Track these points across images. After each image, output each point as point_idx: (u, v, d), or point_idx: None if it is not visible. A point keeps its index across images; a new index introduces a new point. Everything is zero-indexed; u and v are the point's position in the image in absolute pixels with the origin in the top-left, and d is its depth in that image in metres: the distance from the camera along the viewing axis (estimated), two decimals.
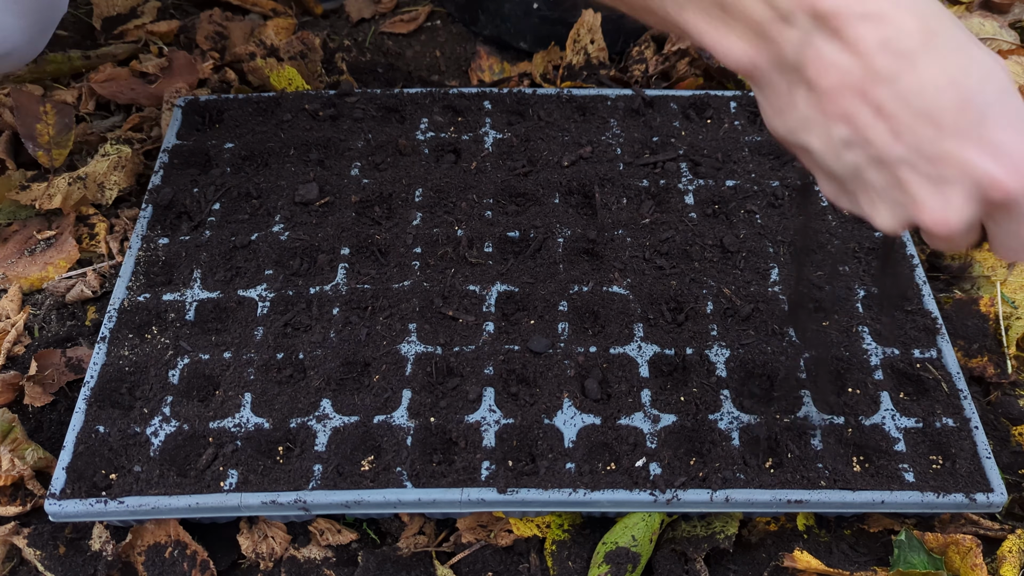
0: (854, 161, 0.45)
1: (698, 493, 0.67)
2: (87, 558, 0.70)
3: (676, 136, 0.94)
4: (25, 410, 0.79)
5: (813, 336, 0.76)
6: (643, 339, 0.77)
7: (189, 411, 0.72)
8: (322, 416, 0.71)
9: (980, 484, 0.69)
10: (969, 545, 0.68)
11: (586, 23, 1.09)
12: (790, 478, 0.68)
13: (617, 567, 0.67)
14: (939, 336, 0.78)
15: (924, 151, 0.43)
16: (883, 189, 0.46)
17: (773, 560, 0.71)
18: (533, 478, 0.68)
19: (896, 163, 0.44)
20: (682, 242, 0.84)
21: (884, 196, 0.46)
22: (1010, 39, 1.09)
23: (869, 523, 0.73)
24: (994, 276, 0.88)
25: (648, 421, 0.71)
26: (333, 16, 1.22)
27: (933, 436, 0.72)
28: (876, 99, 0.43)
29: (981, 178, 0.43)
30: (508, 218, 0.86)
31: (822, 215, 0.87)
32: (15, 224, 0.93)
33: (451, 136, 0.94)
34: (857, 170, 0.46)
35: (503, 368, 0.74)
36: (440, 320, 0.78)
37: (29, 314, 0.86)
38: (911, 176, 0.44)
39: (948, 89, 0.42)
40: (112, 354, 0.76)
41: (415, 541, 0.73)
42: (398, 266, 0.82)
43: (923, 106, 0.43)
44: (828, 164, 0.47)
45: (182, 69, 1.06)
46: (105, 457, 0.70)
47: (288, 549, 0.72)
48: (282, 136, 0.93)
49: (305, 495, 0.67)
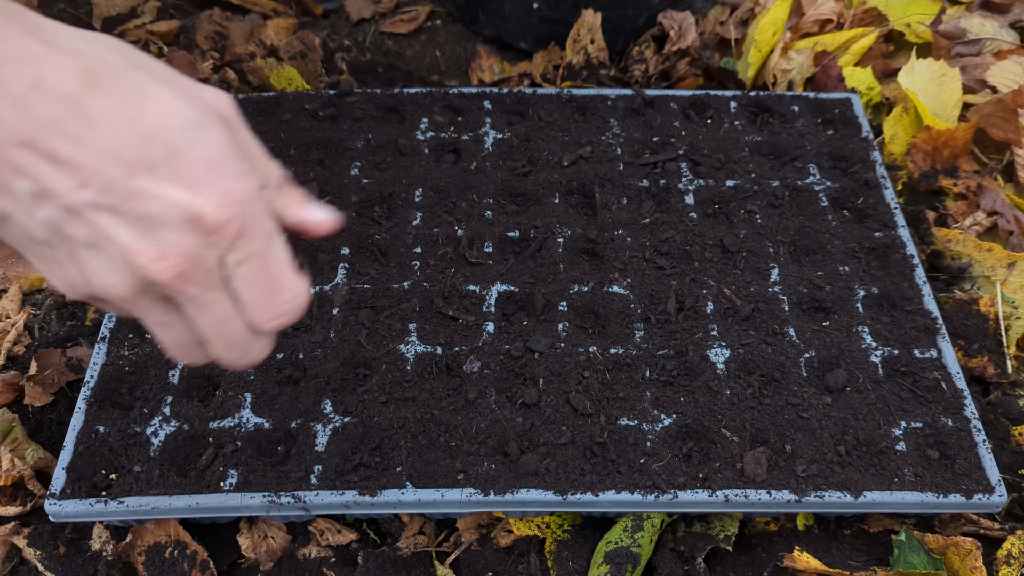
0: (50, 216, 0.41)
1: (698, 493, 0.67)
2: (87, 558, 0.70)
3: (676, 136, 0.94)
4: (25, 410, 0.80)
5: None
6: (643, 339, 0.77)
7: (189, 411, 0.72)
8: (322, 416, 0.71)
9: (980, 484, 0.69)
10: (969, 547, 0.68)
11: (586, 23, 1.09)
12: (789, 478, 0.68)
13: (617, 567, 0.67)
14: (939, 336, 0.78)
15: (118, 193, 0.40)
16: (93, 243, 0.42)
17: (773, 560, 0.71)
18: (533, 478, 0.68)
19: (92, 211, 0.41)
20: (682, 242, 0.84)
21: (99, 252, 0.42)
22: (1010, 39, 1.09)
23: (869, 523, 0.73)
24: (994, 276, 0.88)
25: (648, 421, 0.71)
26: (333, 16, 1.22)
27: (933, 436, 0.72)
28: (47, 147, 0.39)
29: (186, 212, 0.41)
30: (508, 218, 0.86)
31: (822, 215, 0.87)
32: None
33: (451, 136, 0.94)
34: (57, 226, 0.41)
35: (503, 368, 0.74)
36: (440, 320, 0.78)
37: (29, 314, 0.86)
38: (113, 222, 0.41)
39: (125, 127, 0.40)
40: (112, 354, 0.76)
41: (415, 541, 0.73)
42: (398, 266, 0.82)
43: (101, 147, 0.40)
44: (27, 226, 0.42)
45: (182, 69, 1.05)
46: (105, 457, 0.70)
47: (288, 549, 0.72)
48: (282, 136, 0.93)
49: (305, 495, 0.67)
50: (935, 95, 1.01)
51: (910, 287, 0.81)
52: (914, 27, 1.12)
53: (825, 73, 1.05)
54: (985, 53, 1.09)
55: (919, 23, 1.12)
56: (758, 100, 0.99)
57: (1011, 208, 0.93)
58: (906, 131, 1.01)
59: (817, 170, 0.92)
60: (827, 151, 0.94)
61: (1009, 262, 0.88)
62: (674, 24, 1.10)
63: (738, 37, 1.12)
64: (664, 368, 0.75)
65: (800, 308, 0.80)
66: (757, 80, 1.09)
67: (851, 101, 0.99)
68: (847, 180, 0.91)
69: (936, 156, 0.98)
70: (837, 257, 0.84)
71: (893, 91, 1.07)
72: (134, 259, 0.41)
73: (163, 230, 0.41)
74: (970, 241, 0.90)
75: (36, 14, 0.42)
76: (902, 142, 1.01)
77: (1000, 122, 0.99)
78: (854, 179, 0.91)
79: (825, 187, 0.90)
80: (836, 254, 0.84)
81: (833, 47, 1.08)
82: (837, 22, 1.13)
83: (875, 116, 1.07)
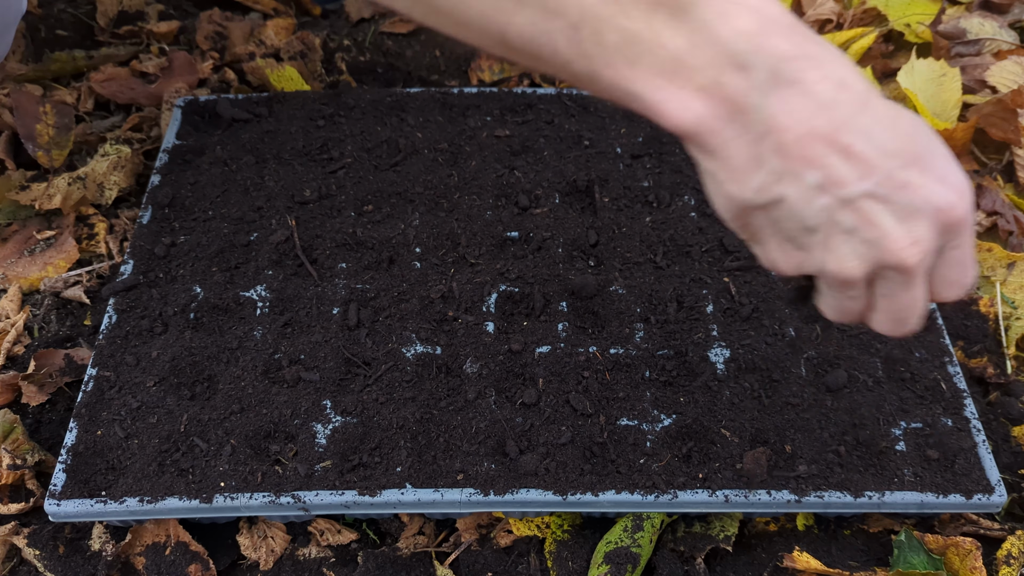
0: (826, 204, 0.45)
1: (698, 493, 0.67)
2: (87, 558, 0.70)
3: (676, 136, 0.94)
4: (25, 410, 0.80)
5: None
6: (643, 339, 0.77)
7: (189, 411, 0.72)
8: (322, 416, 0.71)
9: (980, 484, 0.69)
10: (969, 547, 0.68)
11: None
12: (789, 478, 0.68)
13: (617, 567, 0.67)
14: (939, 336, 0.78)
15: (892, 184, 0.44)
16: (852, 229, 0.46)
17: (773, 560, 0.71)
18: (533, 479, 0.68)
19: (865, 199, 0.45)
20: (682, 242, 0.84)
21: (852, 237, 0.46)
22: (1010, 39, 1.09)
23: (869, 523, 0.73)
24: (994, 276, 0.88)
25: (648, 421, 0.71)
26: (333, 16, 1.22)
27: (933, 436, 0.72)
28: (844, 141, 0.43)
29: (940, 203, 0.45)
30: (508, 218, 0.86)
31: None
32: (15, 224, 0.93)
33: (451, 135, 0.94)
34: (829, 213, 0.45)
35: (503, 368, 0.74)
36: (440, 320, 0.78)
37: (29, 314, 0.86)
38: (879, 209, 0.45)
39: (898, 125, 0.45)
40: (112, 354, 0.76)
41: (415, 541, 0.73)
42: (398, 266, 0.82)
43: (883, 142, 0.44)
44: (801, 213, 0.46)
45: (182, 69, 1.06)
46: (105, 457, 0.70)
47: (288, 549, 0.72)
48: (281, 136, 0.93)
49: (305, 495, 0.67)
50: (935, 95, 1.01)
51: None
52: (914, 27, 1.12)
53: None
54: (985, 53, 1.09)
55: (919, 23, 1.12)
56: None
57: (1011, 208, 0.93)
58: None
59: None
60: None
61: (1009, 262, 0.88)
62: None
63: None
64: (664, 368, 0.75)
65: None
66: None
67: None
68: None
69: None
70: None
71: (893, 91, 1.07)
72: (891, 244, 0.45)
73: (919, 219, 0.45)
74: None
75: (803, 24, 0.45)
76: None
77: (1000, 122, 0.99)
78: None
79: None
80: None
81: None
82: (837, 22, 1.13)
83: None
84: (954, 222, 0.46)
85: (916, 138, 0.45)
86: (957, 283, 0.50)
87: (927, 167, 0.45)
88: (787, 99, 0.43)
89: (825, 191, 0.44)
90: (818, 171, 0.44)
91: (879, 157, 0.44)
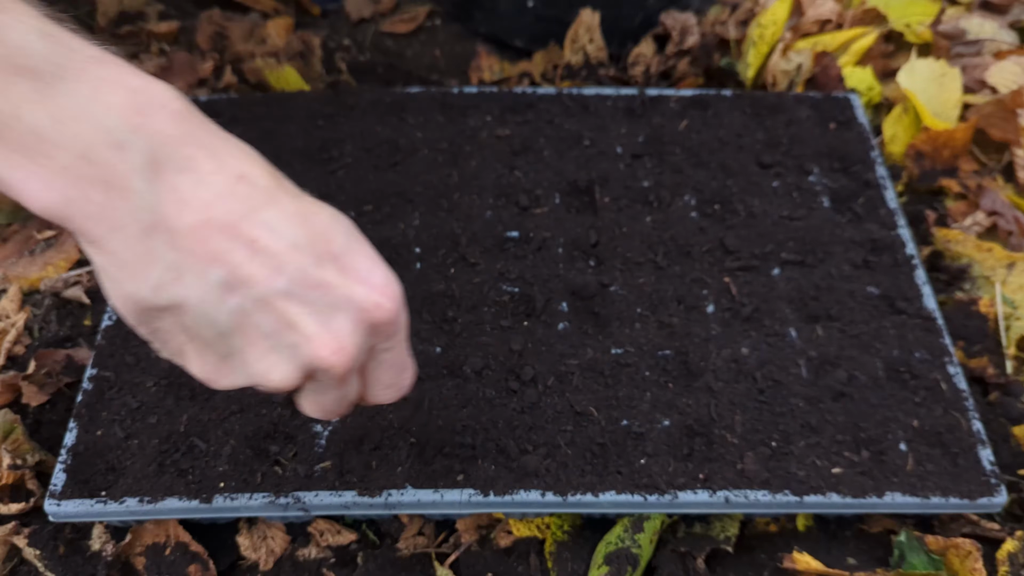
0: (238, 305, 0.41)
1: (698, 494, 0.67)
2: (87, 558, 0.70)
3: (677, 136, 0.94)
4: (25, 410, 0.79)
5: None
6: (643, 339, 0.77)
7: (189, 411, 0.72)
8: None
9: (980, 485, 0.69)
10: (969, 549, 0.68)
11: (584, 23, 1.09)
12: (789, 478, 0.68)
13: (617, 568, 0.67)
14: (939, 336, 0.78)
15: (307, 281, 0.42)
16: (273, 332, 0.42)
17: (773, 561, 0.71)
18: (533, 479, 0.68)
19: (282, 298, 0.42)
20: (682, 242, 0.84)
21: (275, 341, 0.43)
22: (1010, 39, 1.09)
23: (869, 524, 0.73)
24: (994, 276, 0.88)
25: (648, 421, 0.71)
26: (333, 16, 1.22)
27: (933, 436, 0.72)
28: (249, 234, 0.41)
29: (363, 303, 0.43)
30: (508, 218, 0.86)
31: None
32: (15, 224, 0.93)
33: (451, 135, 0.94)
34: (243, 315, 0.42)
35: (503, 368, 0.74)
36: (440, 320, 0.78)
37: (29, 314, 0.86)
38: (299, 310, 0.42)
39: (311, 221, 0.43)
40: (112, 354, 0.76)
41: (415, 542, 0.73)
42: (397, 266, 0.82)
43: (294, 237, 0.42)
44: (210, 315, 0.42)
45: (182, 69, 1.06)
46: (105, 457, 0.70)
47: (288, 549, 0.72)
48: (281, 136, 0.93)
49: (304, 496, 0.67)
50: (935, 95, 1.01)
51: (910, 287, 0.81)
52: (914, 27, 1.12)
53: (825, 73, 1.05)
54: (985, 53, 1.09)
55: (919, 23, 1.12)
56: (758, 100, 0.99)
57: (1011, 208, 0.93)
58: (906, 131, 1.01)
59: (818, 170, 0.92)
60: (827, 151, 0.94)
61: (1009, 262, 0.88)
62: (676, 24, 1.10)
63: (738, 37, 1.12)
64: (664, 368, 0.75)
65: (801, 308, 0.80)
66: (757, 80, 1.09)
67: (851, 101, 0.99)
68: (847, 180, 0.91)
69: (936, 156, 0.98)
70: (837, 257, 0.83)
71: (893, 91, 1.07)
72: (316, 349, 0.43)
73: (341, 320, 0.43)
74: (970, 241, 0.90)
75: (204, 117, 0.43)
76: (902, 142, 1.01)
77: (1000, 122, 0.99)
78: (854, 179, 0.91)
79: (825, 187, 0.90)
80: (836, 254, 0.84)
81: (833, 47, 1.08)
82: (837, 22, 1.13)
83: (875, 116, 1.07)
84: (381, 323, 0.44)
85: (333, 236, 0.43)
86: (393, 386, 0.49)
87: (346, 266, 0.43)
88: (176, 187, 0.40)
89: (234, 290, 0.41)
90: (222, 267, 0.40)
91: (290, 253, 0.41)
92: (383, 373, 0.48)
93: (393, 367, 0.48)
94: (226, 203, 0.40)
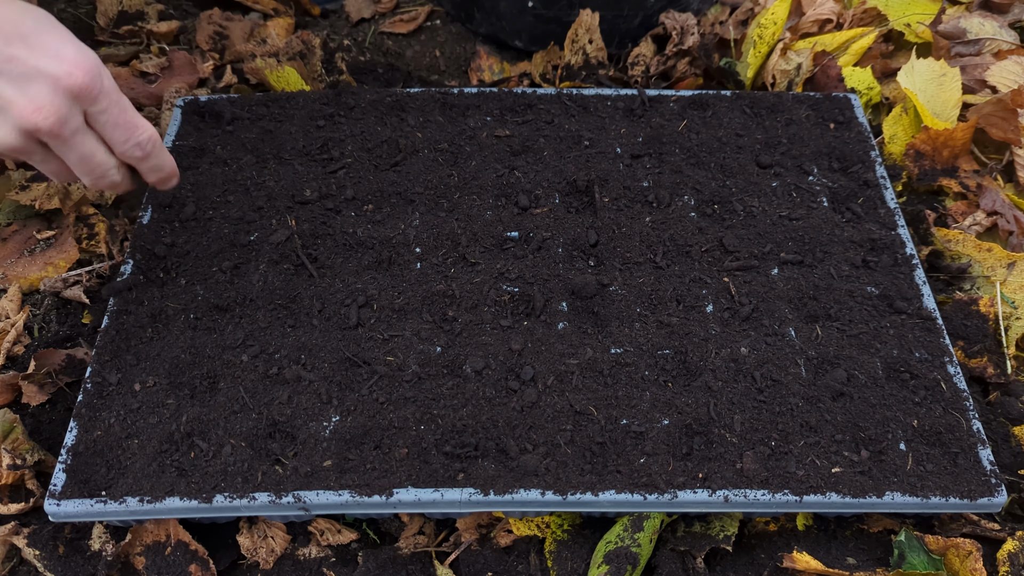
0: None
1: (698, 493, 0.67)
2: (87, 558, 0.70)
3: (676, 136, 0.94)
4: (25, 410, 0.80)
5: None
6: (643, 339, 0.77)
7: (189, 411, 0.72)
8: (322, 416, 0.71)
9: (980, 485, 0.69)
10: (969, 548, 0.68)
11: (584, 23, 1.09)
12: (789, 478, 0.68)
13: (617, 567, 0.67)
14: (939, 336, 0.78)
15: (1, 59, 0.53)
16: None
17: (773, 560, 0.71)
18: (533, 478, 0.68)
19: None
20: (682, 242, 0.84)
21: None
22: (1010, 39, 1.09)
23: (869, 523, 0.73)
24: (994, 276, 0.88)
25: (648, 421, 0.71)
26: (333, 16, 1.22)
27: (933, 436, 0.72)
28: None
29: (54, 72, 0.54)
30: (508, 218, 0.86)
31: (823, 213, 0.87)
32: (15, 224, 0.93)
33: (451, 136, 0.94)
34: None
35: (503, 367, 0.74)
36: (440, 319, 0.78)
37: (29, 314, 0.86)
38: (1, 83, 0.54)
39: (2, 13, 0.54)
40: (112, 354, 0.76)
41: (415, 541, 0.73)
42: (398, 265, 0.82)
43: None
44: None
45: (182, 69, 1.06)
46: (105, 457, 0.70)
47: (288, 549, 0.72)
48: (281, 136, 0.93)
49: (305, 495, 0.67)
50: (935, 95, 1.01)
51: (910, 287, 0.82)
52: (914, 27, 1.12)
53: (825, 73, 1.05)
54: (985, 53, 1.09)
55: (919, 23, 1.12)
56: (757, 100, 0.99)
57: (1011, 208, 0.93)
58: (906, 131, 1.01)
59: (817, 170, 0.92)
60: (827, 151, 0.94)
61: (1009, 262, 0.88)
62: (676, 25, 1.10)
63: (737, 37, 1.12)
64: (664, 368, 0.75)
65: (800, 308, 0.80)
66: (757, 80, 1.09)
67: (851, 101, 0.99)
68: (847, 180, 0.91)
69: (936, 156, 0.98)
70: (837, 257, 0.84)
71: (893, 91, 1.07)
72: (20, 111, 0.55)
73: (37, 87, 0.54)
74: (970, 241, 0.90)
75: None
76: (902, 142, 1.01)
77: (1000, 122, 0.99)
78: (854, 179, 0.91)
79: (825, 187, 0.90)
80: (836, 254, 0.84)
81: (833, 47, 1.08)
82: (836, 22, 1.13)
83: (875, 116, 1.07)
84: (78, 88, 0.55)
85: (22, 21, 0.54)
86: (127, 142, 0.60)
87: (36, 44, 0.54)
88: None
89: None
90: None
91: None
92: (113, 132, 0.59)
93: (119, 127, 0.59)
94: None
